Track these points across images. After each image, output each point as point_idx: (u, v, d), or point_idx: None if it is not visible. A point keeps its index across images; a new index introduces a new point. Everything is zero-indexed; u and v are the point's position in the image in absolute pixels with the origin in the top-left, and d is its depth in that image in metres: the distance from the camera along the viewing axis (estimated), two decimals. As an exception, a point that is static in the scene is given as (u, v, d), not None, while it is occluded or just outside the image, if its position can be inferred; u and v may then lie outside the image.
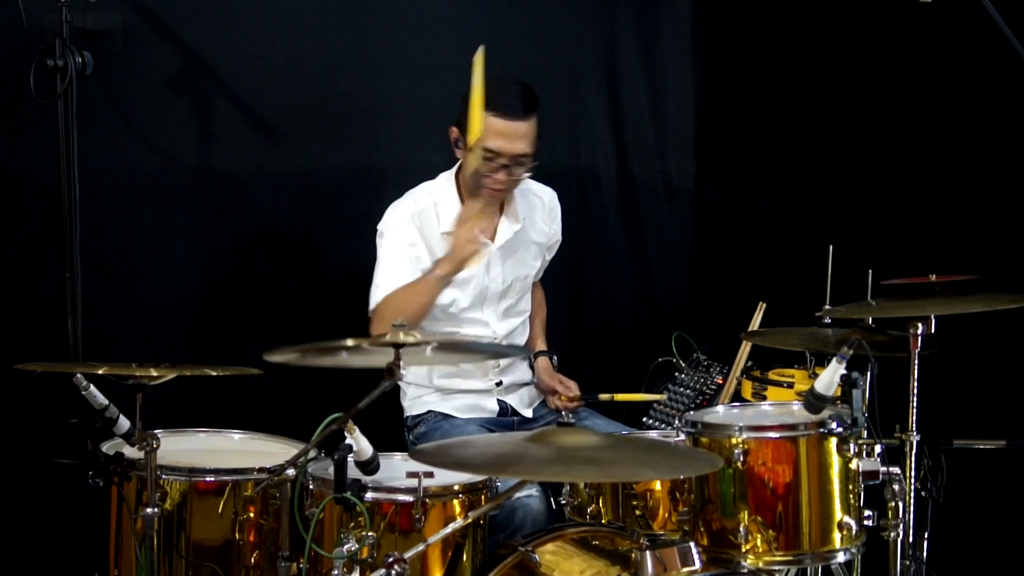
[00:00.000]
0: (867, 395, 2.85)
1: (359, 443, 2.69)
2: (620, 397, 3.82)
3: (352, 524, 2.80)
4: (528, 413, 3.90)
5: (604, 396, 3.81)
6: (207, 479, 2.99)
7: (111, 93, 3.96)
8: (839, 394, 2.82)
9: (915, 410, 3.15)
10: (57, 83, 3.57)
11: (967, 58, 4.21)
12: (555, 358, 3.98)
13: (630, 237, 4.75)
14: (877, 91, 4.44)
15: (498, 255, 3.81)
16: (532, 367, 3.97)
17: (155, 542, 2.87)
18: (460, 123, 3.61)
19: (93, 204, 3.72)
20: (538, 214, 3.92)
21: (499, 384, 3.87)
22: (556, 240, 4.02)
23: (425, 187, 3.81)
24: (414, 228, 3.71)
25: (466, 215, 3.60)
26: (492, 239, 3.76)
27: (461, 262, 3.53)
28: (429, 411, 3.82)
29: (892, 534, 2.99)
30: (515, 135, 3.59)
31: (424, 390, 3.85)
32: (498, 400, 3.86)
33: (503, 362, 3.86)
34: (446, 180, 3.81)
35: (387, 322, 3.01)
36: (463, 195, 3.75)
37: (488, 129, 3.52)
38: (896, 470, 2.97)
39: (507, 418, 3.86)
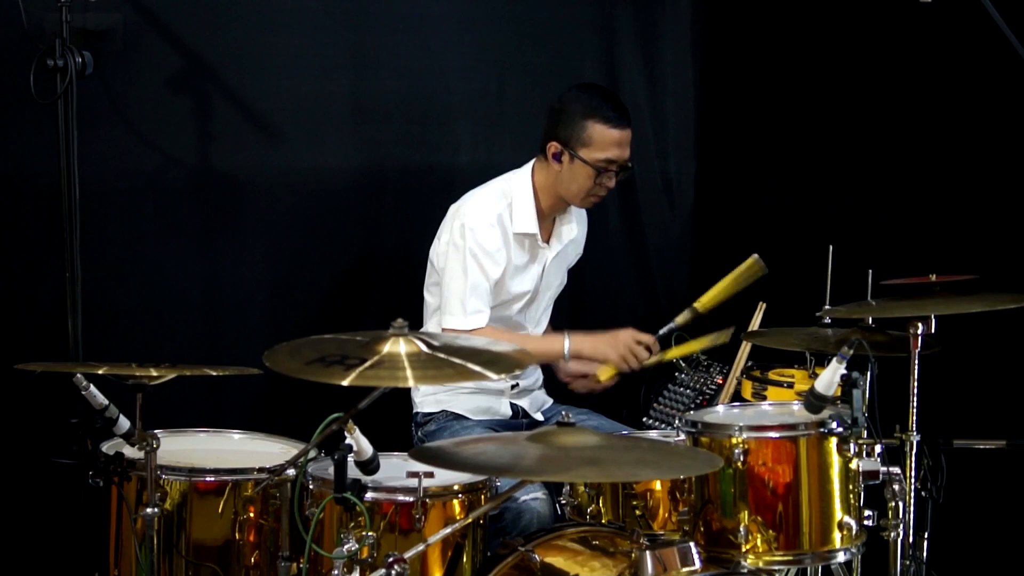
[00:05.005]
0: (867, 395, 2.85)
1: (359, 443, 2.69)
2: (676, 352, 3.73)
3: (352, 524, 2.80)
4: (539, 416, 3.89)
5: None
6: (207, 479, 3.00)
7: (111, 93, 3.95)
8: (839, 394, 2.83)
9: (915, 410, 3.15)
10: (57, 83, 3.56)
11: (967, 58, 4.21)
12: None
13: (630, 237, 4.74)
14: (877, 91, 4.44)
15: (552, 262, 3.83)
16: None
17: (155, 542, 2.87)
18: (560, 137, 3.67)
19: (93, 204, 3.72)
20: (579, 225, 3.94)
21: (514, 387, 3.85)
22: (580, 253, 4.03)
23: (498, 187, 3.78)
24: (498, 232, 3.68)
25: (638, 339, 3.66)
26: (548, 241, 3.81)
27: (597, 356, 3.64)
28: (442, 410, 3.78)
29: (892, 534, 2.99)
30: (626, 143, 3.70)
31: (438, 387, 3.78)
32: (511, 404, 3.85)
33: None
34: (520, 180, 3.78)
35: None
36: (539, 198, 3.76)
37: (606, 140, 3.65)
38: (896, 470, 2.97)
39: (518, 420, 3.85)
